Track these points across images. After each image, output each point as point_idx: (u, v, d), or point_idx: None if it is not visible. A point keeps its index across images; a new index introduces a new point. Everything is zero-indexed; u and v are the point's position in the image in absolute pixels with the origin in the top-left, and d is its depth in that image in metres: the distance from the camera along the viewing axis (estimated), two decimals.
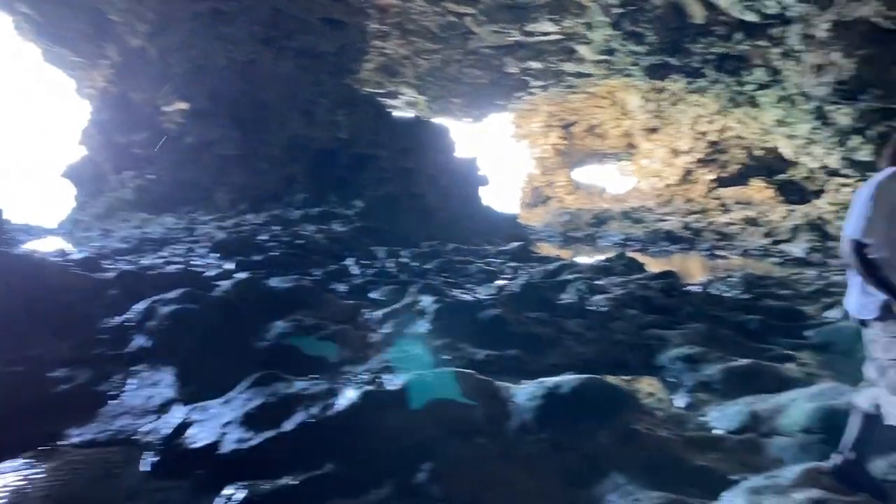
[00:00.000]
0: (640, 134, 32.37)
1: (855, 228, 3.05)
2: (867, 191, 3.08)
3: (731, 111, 22.01)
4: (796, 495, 3.33)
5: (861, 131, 16.99)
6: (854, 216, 3.09)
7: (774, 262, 16.49)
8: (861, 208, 3.06)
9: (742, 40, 12.30)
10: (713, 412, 4.96)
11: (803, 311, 8.88)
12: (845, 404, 4.37)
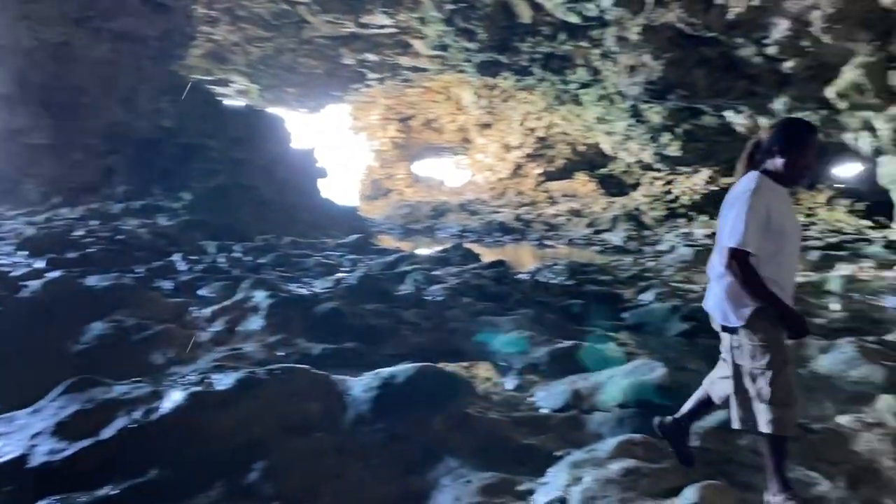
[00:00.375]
0: (475, 129, 33.34)
1: (735, 238, 2.99)
2: (742, 199, 3.04)
3: (556, 108, 23.21)
4: (612, 466, 3.58)
5: (671, 129, 18.55)
6: (730, 226, 3.04)
7: (596, 250, 17.60)
8: (738, 218, 3.00)
9: (566, 41, 12.97)
10: (540, 392, 5.21)
11: (621, 294, 9.55)
12: (656, 378, 4.77)
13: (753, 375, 3.09)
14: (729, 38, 7.91)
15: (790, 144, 3.10)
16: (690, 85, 8.92)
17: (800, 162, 3.11)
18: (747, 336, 3.07)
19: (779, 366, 3.03)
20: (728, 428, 4.28)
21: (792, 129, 3.17)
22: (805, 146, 3.12)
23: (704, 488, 3.19)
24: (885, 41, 6.93)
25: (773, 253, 3.05)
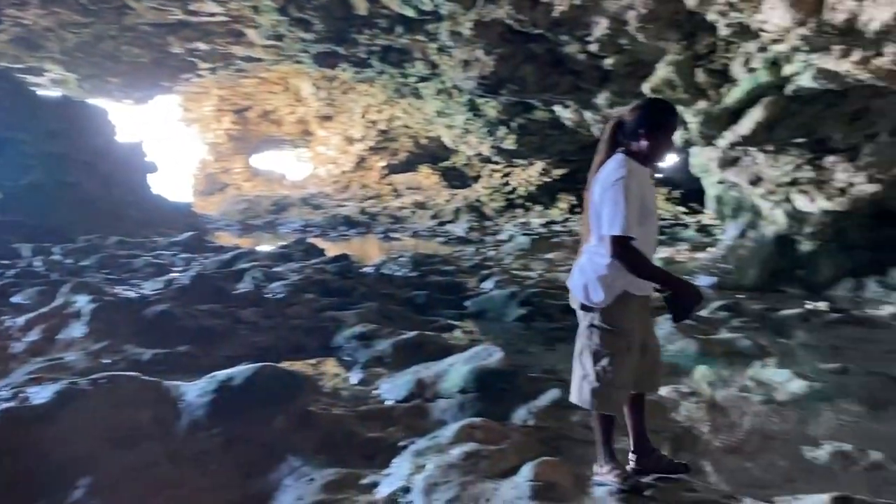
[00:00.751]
0: (315, 121, 32.80)
1: (618, 226, 2.95)
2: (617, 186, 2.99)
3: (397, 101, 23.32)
4: (453, 451, 3.65)
5: (506, 123, 19.18)
6: (609, 214, 2.99)
7: (440, 241, 17.94)
8: (616, 205, 2.96)
9: (403, 34, 13.02)
10: (385, 384, 5.22)
11: (464, 283, 9.78)
12: (495, 363, 4.92)
13: (597, 356, 3.16)
14: (555, 35, 8.28)
15: (654, 127, 3.10)
16: (521, 80, 9.26)
17: (663, 144, 3.15)
18: (602, 318, 3.14)
19: (621, 351, 3.12)
20: (562, 405, 4.52)
21: (656, 111, 3.19)
22: (668, 128, 3.16)
23: (539, 465, 3.32)
24: (691, 41, 7.55)
25: (643, 233, 3.08)
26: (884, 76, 6.02)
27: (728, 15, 6.19)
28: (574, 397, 3.32)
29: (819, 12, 5.47)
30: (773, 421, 4.78)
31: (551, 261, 13.06)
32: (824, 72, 6.46)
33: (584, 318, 3.26)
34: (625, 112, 3.24)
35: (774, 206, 10.14)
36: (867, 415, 4.86)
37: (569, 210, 24.15)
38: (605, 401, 3.18)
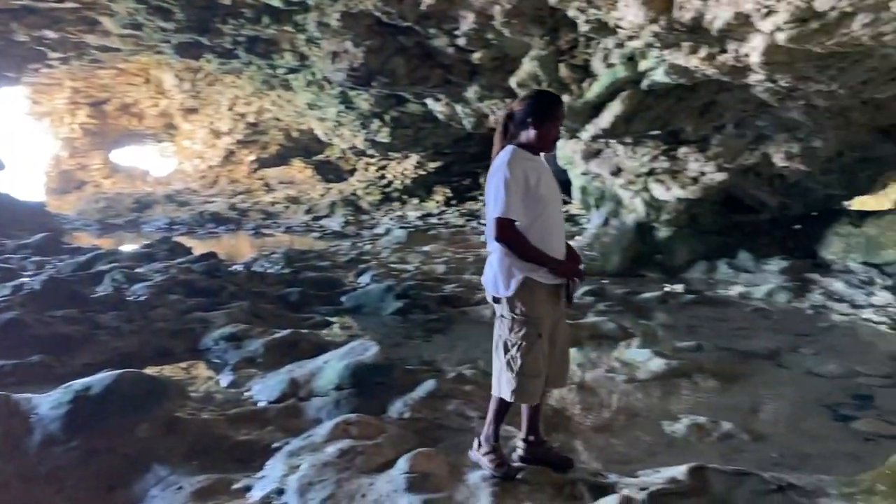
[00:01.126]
0: (179, 114, 31.34)
1: (499, 208, 3.07)
2: (500, 171, 3.13)
3: (266, 93, 22.66)
4: (328, 449, 3.61)
5: (379, 116, 19.08)
6: (493, 197, 3.12)
7: (315, 236, 17.65)
8: (498, 189, 3.09)
9: (270, 24, 12.64)
10: (257, 385, 5.08)
11: (339, 279, 9.67)
12: (370, 358, 4.89)
13: (507, 346, 3.21)
14: (423, 28, 8.31)
15: (542, 117, 3.21)
16: (391, 72, 9.24)
17: (551, 132, 3.27)
18: (510, 307, 3.17)
19: (532, 339, 3.16)
20: (438, 395, 4.57)
21: (542, 101, 3.29)
22: (555, 117, 3.26)
23: (414, 456, 3.34)
24: (554, 37, 7.80)
25: (537, 218, 3.15)
26: (727, 72, 6.46)
27: (587, 11, 6.43)
28: (494, 390, 3.35)
29: (669, 11, 5.79)
30: (636, 399, 5.04)
31: (428, 253, 13.16)
32: (675, 67, 6.85)
33: (497, 311, 3.30)
34: (514, 104, 3.37)
35: (634, 195, 10.69)
36: (719, 388, 5.22)
37: (444, 203, 24.41)
38: (520, 391, 3.20)
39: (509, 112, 3.34)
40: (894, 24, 4.83)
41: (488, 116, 10.55)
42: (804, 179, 9.92)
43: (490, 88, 9.32)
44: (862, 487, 3.03)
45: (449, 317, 7.55)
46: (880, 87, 7.12)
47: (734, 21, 5.33)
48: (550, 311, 3.24)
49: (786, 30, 5.11)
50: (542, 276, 3.16)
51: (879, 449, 3.84)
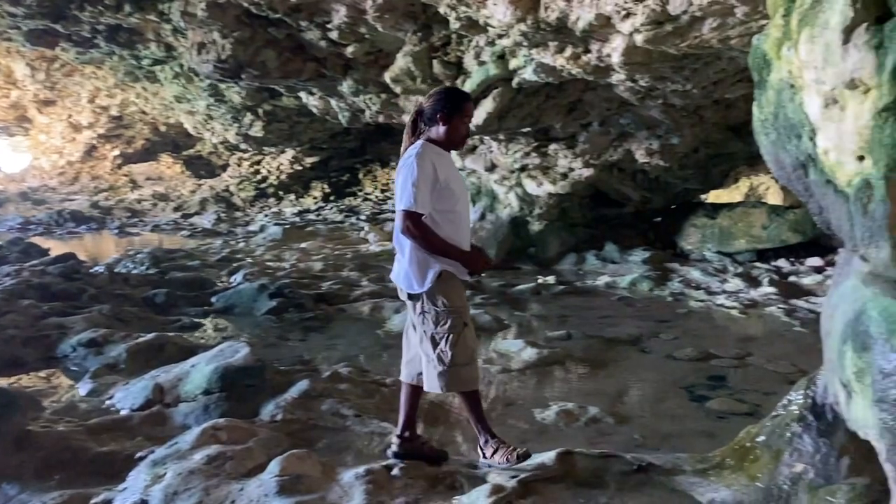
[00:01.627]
0: (34, 106, 29.13)
1: (407, 201, 3.07)
2: (408, 165, 3.13)
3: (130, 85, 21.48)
4: (195, 456, 3.46)
5: (252, 109, 18.54)
6: (400, 191, 3.12)
7: (185, 234, 16.93)
8: (406, 183, 3.09)
9: (132, 12, 11.97)
10: (119, 393, 4.82)
11: (210, 278, 9.32)
12: (240, 360, 4.73)
13: (435, 340, 3.17)
14: (294, 20, 8.12)
15: (451, 112, 3.24)
16: (262, 65, 8.97)
17: (460, 129, 3.29)
18: (430, 301, 3.15)
19: (458, 328, 3.16)
20: (312, 395, 4.49)
21: (451, 97, 3.32)
22: (463, 113, 3.29)
23: (286, 458, 3.26)
24: (427, 33, 7.83)
25: (447, 212, 3.18)
26: (591, 71, 6.73)
27: (457, 9, 6.50)
28: (426, 386, 3.32)
29: (536, 11, 5.95)
30: (511, 388, 5.17)
31: (305, 250, 12.93)
32: (543, 66, 7.05)
33: (414, 308, 3.26)
34: (424, 100, 3.36)
35: (508, 190, 10.95)
36: (587, 375, 5.44)
37: (323, 199, 24.07)
38: (454, 381, 3.20)
39: (419, 108, 3.36)
40: (739, 28, 5.18)
41: (364, 111, 10.47)
42: (664, 174, 10.51)
43: (364, 83, 9.25)
44: (713, 463, 3.23)
45: (326, 315, 7.45)
46: (730, 88, 7.64)
47: (596, 22, 5.54)
48: (466, 301, 3.31)
49: (643, 31, 5.37)
50: (456, 269, 3.20)
51: (730, 426, 4.11)
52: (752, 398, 4.80)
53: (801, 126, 2.70)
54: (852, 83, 2.40)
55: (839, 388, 2.51)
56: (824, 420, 2.79)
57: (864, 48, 2.32)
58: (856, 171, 2.45)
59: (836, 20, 2.40)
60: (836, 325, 2.46)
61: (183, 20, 8.80)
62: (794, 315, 7.23)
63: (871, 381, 2.20)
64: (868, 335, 2.23)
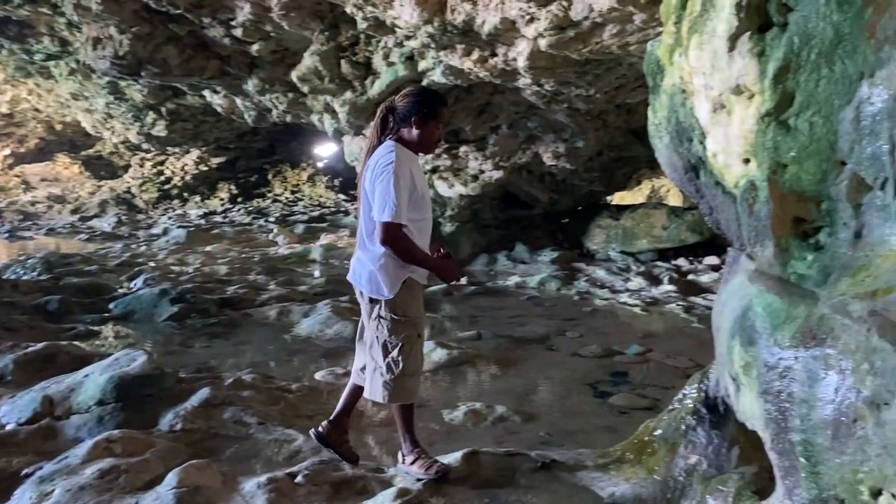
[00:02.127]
0: None
1: (389, 213, 2.91)
2: (387, 172, 2.96)
3: (22, 81, 20.35)
4: (87, 470, 3.29)
5: (154, 108, 17.89)
6: (381, 201, 2.95)
7: (83, 238, 16.14)
8: (387, 192, 2.93)
9: (22, 4, 11.34)
10: (5, 406, 4.51)
11: (108, 284, 8.91)
12: (137, 368, 4.53)
13: (386, 348, 3.08)
14: (197, 16, 7.86)
15: (426, 116, 3.10)
16: (162, 62, 8.64)
17: (434, 134, 3.16)
18: (390, 309, 3.07)
19: (413, 340, 3.10)
20: (214, 403, 4.34)
21: (428, 100, 3.17)
22: (438, 119, 3.16)
23: (184, 470, 3.14)
24: (334, 32, 7.74)
25: (419, 220, 3.08)
26: (498, 75, 6.81)
27: (364, 9, 6.45)
28: (367, 392, 3.23)
29: (443, 13, 5.97)
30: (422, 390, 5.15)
31: (210, 253, 12.55)
32: (451, 68, 7.10)
33: (371, 310, 3.14)
34: (396, 98, 3.20)
35: None
36: (496, 374, 5.50)
37: (230, 200, 23.45)
38: (398, 392, 3.12)
39: (391, 105, 3.18)
40: (638, 35, 5.36)
41: (271, 110, 10.25)
42: (570, 177, 10.76)
43: (271, 82, 9.06)
44: (614, 458, 3.32)
45: (231, 320, 7.24)
46: (631, 93, 7.90)
47: (501, 26, 5.62)
48: (423, 312, 3.26)
49: (546, 36, 5.48)
50: (420, 276, 3.15)
51: (632, 420, 4.23)
52: (653, 393, 4.96)
53: (692, 130, 2.80)
54: (738, 89, 2.50)
55: (729, 382, 2.62)
56: (716, 412, 2.91)
57: (748, 55, 2.43)
58: (742, 174, 2.56)
59: (723, 28, 2.50)
60: (725, 321, 2.56)
61: (76, 13, 8.37)
62: (693, 312, 7.53)
63: (757, 374, 2.29)
64: (754, 330, 2.33)
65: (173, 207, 22.75)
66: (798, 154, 2.34)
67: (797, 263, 2.41)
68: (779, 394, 2.19)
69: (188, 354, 6.14)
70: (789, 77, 2.32)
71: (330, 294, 8.37)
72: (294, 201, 23.47)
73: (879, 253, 2.18)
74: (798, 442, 2.15)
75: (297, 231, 15.87)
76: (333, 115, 9.24)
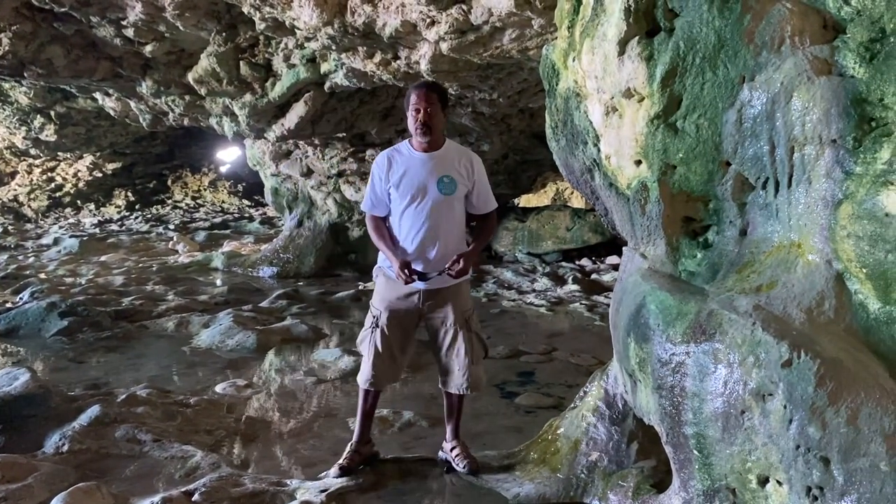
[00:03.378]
0: None
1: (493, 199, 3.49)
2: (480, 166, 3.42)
3: None
4: None
5: (42, 111, 16.93)
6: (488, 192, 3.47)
7: None
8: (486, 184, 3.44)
9: None
10: None
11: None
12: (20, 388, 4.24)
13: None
14: (84, 15, 7.46)
15: (406, 108, 3.40)
16: (47, 63, 8.16)
17: (411, 120, 3.34)
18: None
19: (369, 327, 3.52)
20: (105, 421, 4.11)
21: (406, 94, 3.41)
22: (409, 106, 3.34)
23: (70, 493, 2.96)
24: (232, 33, 7.52)
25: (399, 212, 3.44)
26: (401, 77, 6.77)
27: (262, 10, 6.28)
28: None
29: (343, 14, 5.88)
30: (328, 398, 5.06)
31: (104, 263, 11.95)
32: (354, 71, 7.01)
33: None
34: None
35: (326, 196, 10.80)
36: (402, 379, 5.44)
37: (126, 207, 22.46)
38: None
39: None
40: (537, 39, 5.43)
41: (168, 114, 9.86)
42: None
43: (166, 84, 8.71)
44: (519, 458, 3.34)
45: (126, 333, 6.89)
46: (532, 97, 8.03)
47: (402, 29, 5.59)
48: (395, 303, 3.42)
49: (448, 40, 5.48)
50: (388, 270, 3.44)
51: (537, 420, 4.28)
52: (558, 391, 5.04)
53: (587, 133, 2.85)
54: (628, 92, 2.56)
55: (626, 378, 2.67)
56: (615, 409, 2.97)
57: (637, 59, 2.49)
58: (634, 175, 2.62)
59: (613, 32, 2.55)
60: (621, 318, 2.62)
61: None
62: (595, 310, 7.73)
63: (651, 370, 2.35)
64: (647, 327, 2.38)
65: (66, 216, 21.59)
66: (686, 155, 2.41)
67: (687, 261, 2.49)
68: (672, 388, 2.25)
69: (80, 371, 5.80)
70: (676, 80, 2.39)
71: (232, 303, 8.12)
72: (195, 208, 22.71)
73: (763, 249, 2.27)
74: (691, 435, 2.21)
75: (199, 239, 15.35)
76: (233, 118, 8.98)
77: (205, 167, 24.65)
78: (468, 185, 3.36)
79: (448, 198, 3.30)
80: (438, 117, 3.32)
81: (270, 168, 11.04)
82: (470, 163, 3.38)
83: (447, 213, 3.32)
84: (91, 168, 22.59)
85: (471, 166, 3.37)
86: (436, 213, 3.30)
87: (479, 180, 3.39)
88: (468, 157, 3.41)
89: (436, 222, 3.30)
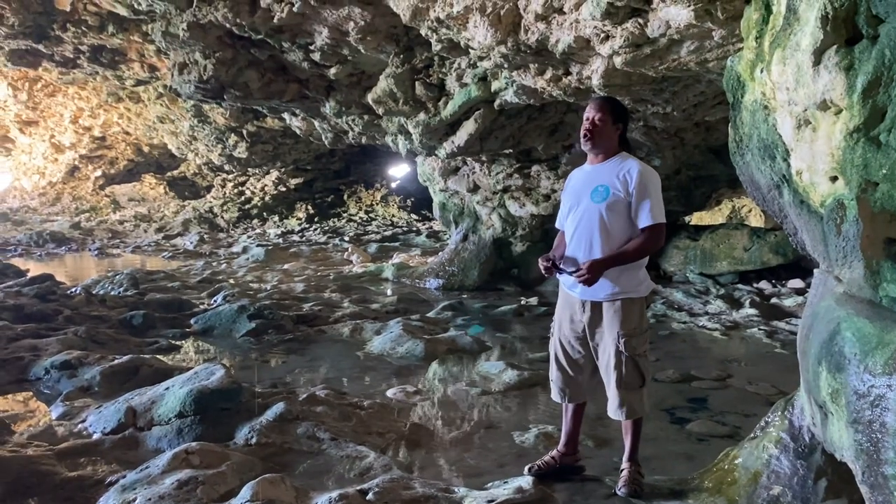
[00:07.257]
0: (16, 126, 28.93)
1: (659, 214, 3.27)
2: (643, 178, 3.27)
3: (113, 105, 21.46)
4: (166, 480, 3.39)
5: (236, 130, 18.52)
6: (652, 203, 3.26)
7: (166, 256, 16.78)
8: (656, 196, 3.28)
9: (116, 33, 11.94)
10: (91, 416, 4.71)
11: (189, 300, 9.22)
12: (215, 382, 4.65)
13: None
14: (277, 41, 8.13)
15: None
16: (244, 86, 8.97)
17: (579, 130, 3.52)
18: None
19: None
20: (288, 418, 4.41)
21: None
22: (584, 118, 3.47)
23: (259, 483, 3.20)
24: (409, 55, 7.87)
25: (570, 229, 3.55)
26: (572, 93, 6.75)
27: (438, 31, 6.52)
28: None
29: (516, 33, 5.97)
30: (492, 411, 5.11)
31: (287, 271, 12.85)
32: (524, 88, 7.08)
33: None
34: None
35: (491, 211, 10.96)
36: None
37: (306, 220, 24.00)
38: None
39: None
40: (717, 51, 5.22)
41: (347, 132, 10.46)
42: None
43: (347, 104, 9.25)
44: (691, 486, 3.20)
45: (306, 336, 7.38)
46: (710, 110, 7.70)
47: (575, 45, 5.57)
48: (562, 313, 3.71)
49: (622, 54, 5.40)
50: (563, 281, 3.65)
51: (710, 448, 4.09)
52: (733, 420, 4.78)
53: (775, 147, 2.71)
54: (824, 104, 2.40)
55: (815, 410, 2.49)
56: (801, 442, 2.77)
57: (834, 69, 2.34)
58: (829, 192, 2.45)
59: (807, 42, 2.41)
60: (811, 345, 2.45)
61: (164, 40, 8.78)
62: (776, 337, 7.24)
63: (846, 403, 2.18)
64: (842, 356, 2.21)
65: (253, 227, 23.43)
66: (890, 171, 2.23)
67: (889, 286, 2.29)
68: (870, 423, 2.08)
69: (264, 369, 6.27)
70: (880, 91, 2.21)
71: (401, 312, 8.44)
72: (368, 221, 23.84)
73: None
74: (891, 475, 2.02)
75: (371, 250, 16.09)
76: (407, 137, 9.36)
77: (377, 183, 25.85)
78: (625, 196, 3.27)
79: (599, 206, 3.29)
80: (605, 129, 3.33)
81: (439, 184, 11.37)
82: (629, 174, 3.28)
83: (598, 221, 3.30)
84: (276, 183, 24.41)
85: (630, 177, 3.27)
86: (586, 221, 3.35)
87: (637, 192, 3.25)
88: (629, 168, 3.30)
89: (586, 230, 3.35)
